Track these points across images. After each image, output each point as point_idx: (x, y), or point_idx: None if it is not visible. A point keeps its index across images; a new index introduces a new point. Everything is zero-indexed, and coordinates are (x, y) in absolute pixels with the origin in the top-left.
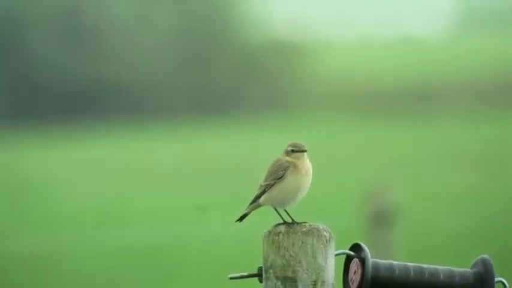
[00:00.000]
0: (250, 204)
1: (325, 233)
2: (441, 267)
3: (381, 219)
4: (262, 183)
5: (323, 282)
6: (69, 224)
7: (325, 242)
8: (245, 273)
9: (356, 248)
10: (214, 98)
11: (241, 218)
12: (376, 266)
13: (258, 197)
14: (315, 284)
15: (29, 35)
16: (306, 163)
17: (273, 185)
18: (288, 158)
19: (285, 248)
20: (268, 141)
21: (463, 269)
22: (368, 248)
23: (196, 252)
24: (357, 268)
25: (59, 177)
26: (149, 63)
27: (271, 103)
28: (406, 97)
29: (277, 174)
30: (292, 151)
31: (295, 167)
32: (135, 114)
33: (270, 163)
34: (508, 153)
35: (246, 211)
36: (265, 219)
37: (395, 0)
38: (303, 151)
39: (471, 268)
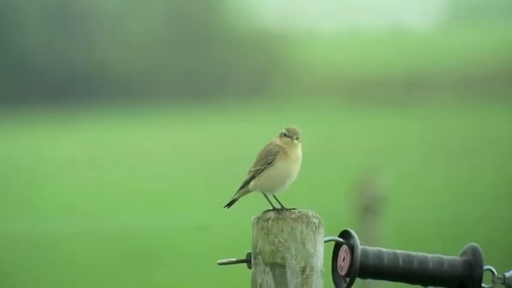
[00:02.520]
0: (239, 189)
1: (314, 219)
2: (430, 255)
3: (369, 207)
4: (252, 169)
5: (312, 268)
6: (58, 209)
7: (314, 228)
8: (234, 259)
9: (345, 234)
10: (202, 85)
11: (230, 204)
12: (365, 253)
13: (247, 183)
14: (303, 270)
15: (18, 20)
16: (297, 150)
17: (262, 170)
18: (278, 142)
19: (274, 234)
20: (255, 130)
21: (452, 256)
22: (357, 235)
23: (184, 238)
24: (346, 255)
25: (48, 162)
26: (139, 49)
27: (260, 91)
28: (395, 87)
29: (267, 160)
30: (285, 135)
31: (285, 153)
32: (125, 99)
33: (261, 148)
34: (496, 143)
35: (234, 197)
36: (255, 205)
37: None
38: (292, 139)
39: (460, 256)
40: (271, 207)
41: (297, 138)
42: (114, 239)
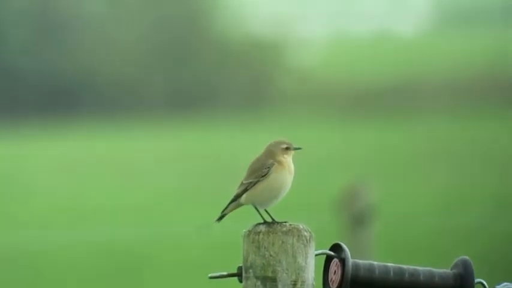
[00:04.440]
0: (230, 203)
1: (305, 232)
2: (421, 268)
3: (360, 219)
4: (244, 181)
5: (303, 282)
6: (41, 221)
7: (305, 241)
8: (225, 273)
9: (336, 248)
10: (190, 94)
11: (220, 218)
12: (356, 266)
13: (239, 196)
14: (294, 284)
15: (3, 29)
16: (290, 160)
17: (256, 182)
18: (281, 158)
19: (265, 247)
20: (244, 139)
21: (443, 270)
22: (348, 248)
23: (175, 251)
24: (337, 268)
25: (32, 172)
26: (125, 59)
27: (248, 101)
28: (385, 95)
29: (261, 172)
30: (287, 148)
31: (280, 164)
32: (110, 110)
33: (251, 161)
34: (488, 151)
35: (225, 211)
36: (245, 218)
37: None
38: (296, 148)
39: (451, 269)
40: (262, 221)
41: (300, 148)
42: (100, 251)
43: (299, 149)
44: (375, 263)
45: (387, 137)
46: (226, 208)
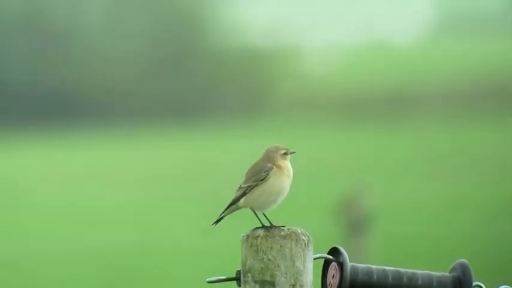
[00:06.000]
0: (228, 207)
1: (303, 237)
2: (419, 272)
3: (358, 224)
4: (243, 185)
5: (301, 286)
6: (39, 229)
7: (303, 245)
8: (223, 277)
9: (334, 252)
10: (186, 104)
11: (218, 221)
12: (354, 270)
13: (237, 200)
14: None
15: None
16: (288, 165)
17: (254, 186)
18: (281, 162)
19: (263, 251)
20: (241, 148)
21: (442, 273)
22: (346, 252)
23: (171, 258)
24: (335, 272)
25: (26, 182)
26: (120, 69)
27: (245, 109)
28: (383, 103)
29: (259, 176)
30: (285, 154)
31: (279, 167)
32: (105, 120)
33: (250, 166)
34: (486, 158)
35: (223, 214)
36: (243, 223)
37: (372, 5)
38: (292, 152)
39: (449, 272)
40: (260, 225)
41: (294, 151)
42: (95, 259)
43: (293, 152)
44: (373, 266)
45: (386, 144)
46: (224, 211)
